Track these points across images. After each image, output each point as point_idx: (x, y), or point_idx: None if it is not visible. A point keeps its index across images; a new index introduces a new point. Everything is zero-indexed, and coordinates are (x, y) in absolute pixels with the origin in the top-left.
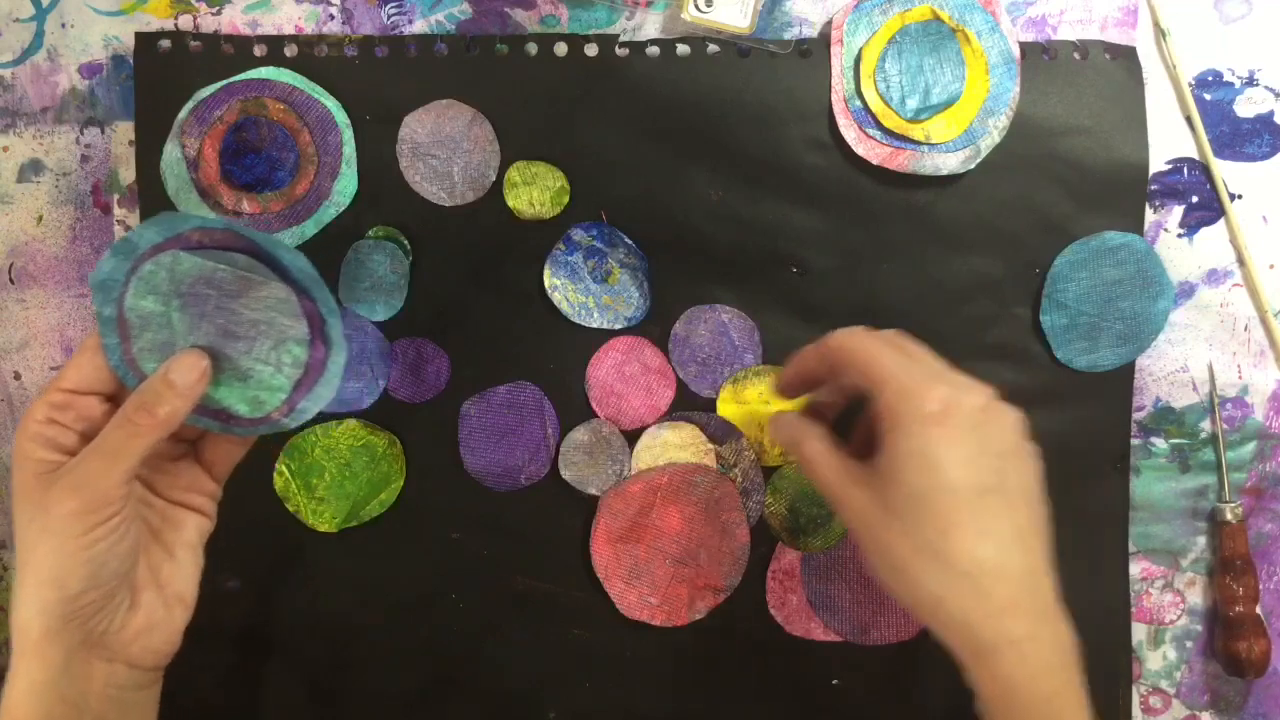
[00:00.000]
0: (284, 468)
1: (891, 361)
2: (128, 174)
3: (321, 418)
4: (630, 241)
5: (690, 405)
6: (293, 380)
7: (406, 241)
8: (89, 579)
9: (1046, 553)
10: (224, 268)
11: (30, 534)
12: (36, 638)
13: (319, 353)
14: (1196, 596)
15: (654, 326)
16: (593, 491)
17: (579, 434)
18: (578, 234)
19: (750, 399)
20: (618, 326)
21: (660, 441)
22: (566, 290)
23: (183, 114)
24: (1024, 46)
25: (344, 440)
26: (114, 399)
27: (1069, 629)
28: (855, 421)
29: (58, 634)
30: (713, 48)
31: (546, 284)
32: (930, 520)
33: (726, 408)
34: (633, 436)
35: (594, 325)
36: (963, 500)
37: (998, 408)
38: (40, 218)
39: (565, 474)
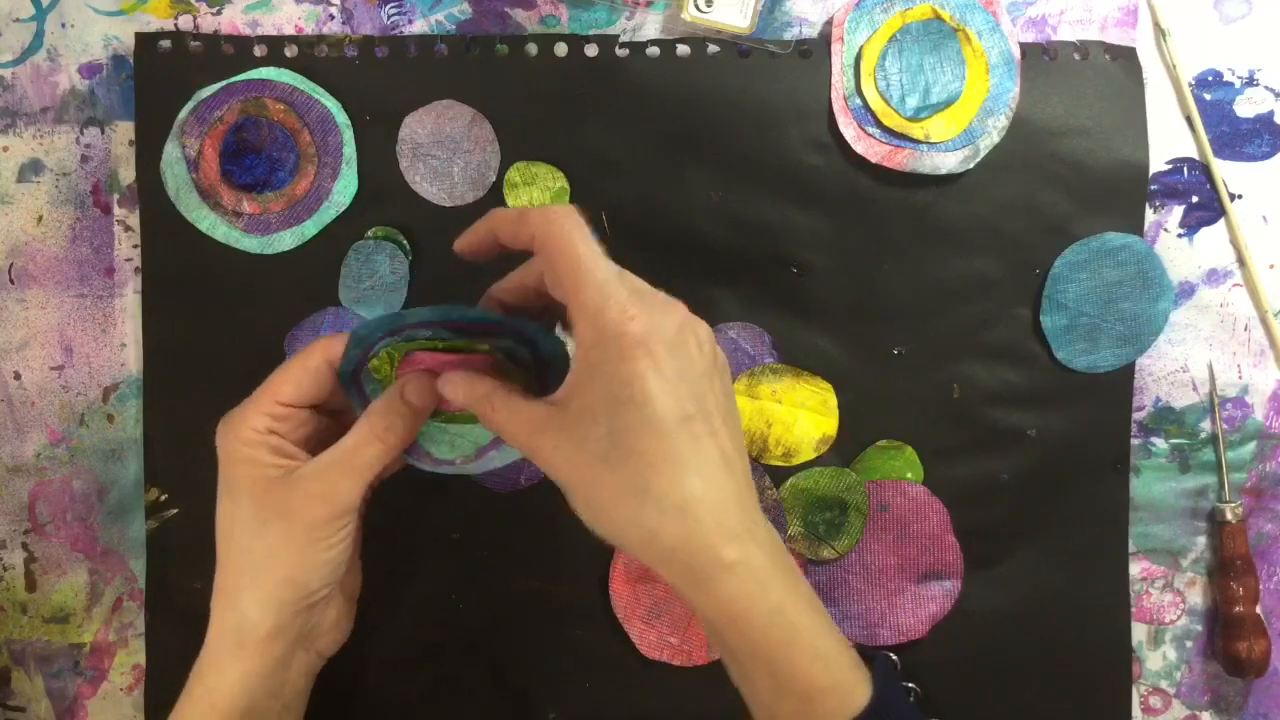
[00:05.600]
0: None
1: (595, 269)
2: (128, 174)
3: None
4: None
5: None
6: (492, 434)
7: (406, 241)
8: (326, 578)
9: (748, 468)
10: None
11: (267, 536)
12: (264, 634)
13: None
14: (1196, 596)
15: None
16: None
17: None
18: None
19: (763, 395)
20: None
21: None
22: None
23: (183, 114)
24: (1024, 47)
25: None
26: (320, 409)
27: (777, 537)
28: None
29: (285, 629)
30: (713, 48)
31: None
32: (635, 459)
33: (738, 399)
34: None
35: None
36: (667, 433)
37: (690, 324)
38: (40, 218)
39: None
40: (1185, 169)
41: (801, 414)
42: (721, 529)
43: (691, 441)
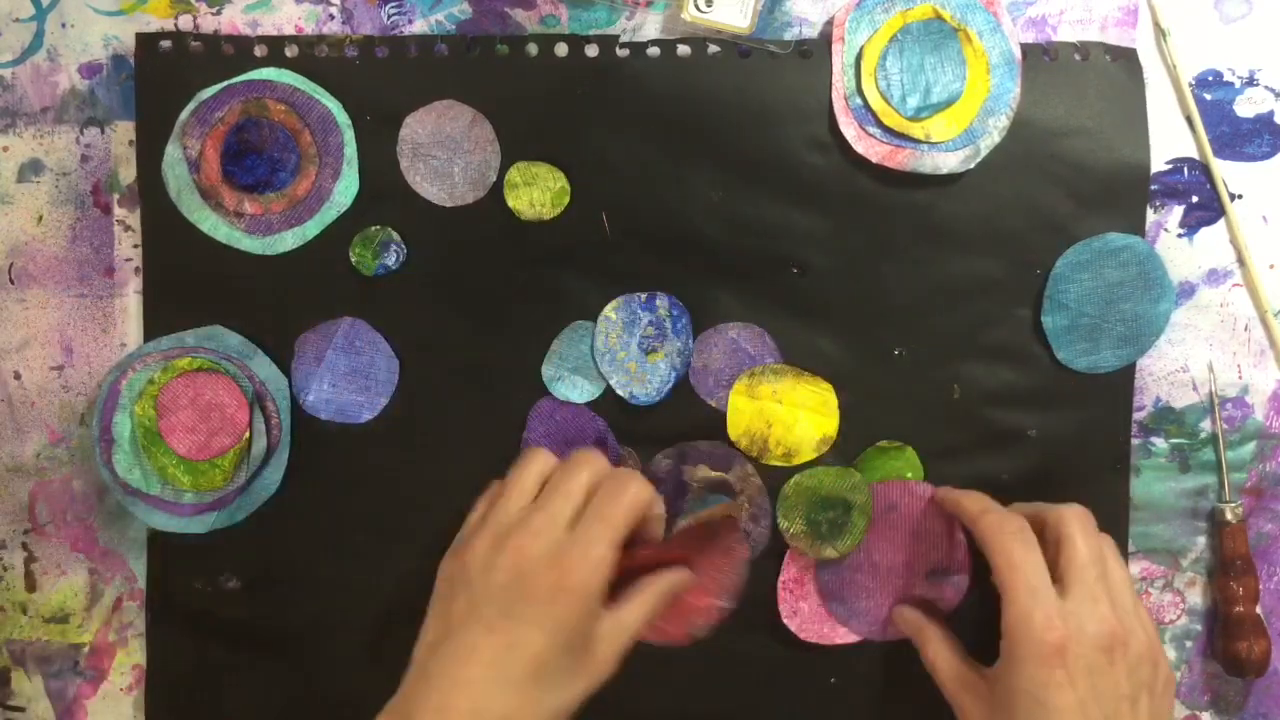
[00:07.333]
0: None
1: (1022, 565)
2: (128, 174)
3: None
4: (690, 352)
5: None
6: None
7: (404, 241)
8: None
9: None
10: None
11: (573, 688)
12: None
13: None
14: (1196, 596)
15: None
16: None
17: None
18: (662, 302)
19: (763, 395)
20: (622, 393)
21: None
22: (614, 328)
23: (184, 115)
24: (1025, 47)
25: None
26: None
27: None
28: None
29: None
30: (713, 48)
31: (608, 309)
32: None
33: (739, 400)
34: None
35: (607, 373)
36: None
37: (1126, 639)
38: (40, 218)
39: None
40: (1185, 169)
41: (802, 414)
42: None
43: None
